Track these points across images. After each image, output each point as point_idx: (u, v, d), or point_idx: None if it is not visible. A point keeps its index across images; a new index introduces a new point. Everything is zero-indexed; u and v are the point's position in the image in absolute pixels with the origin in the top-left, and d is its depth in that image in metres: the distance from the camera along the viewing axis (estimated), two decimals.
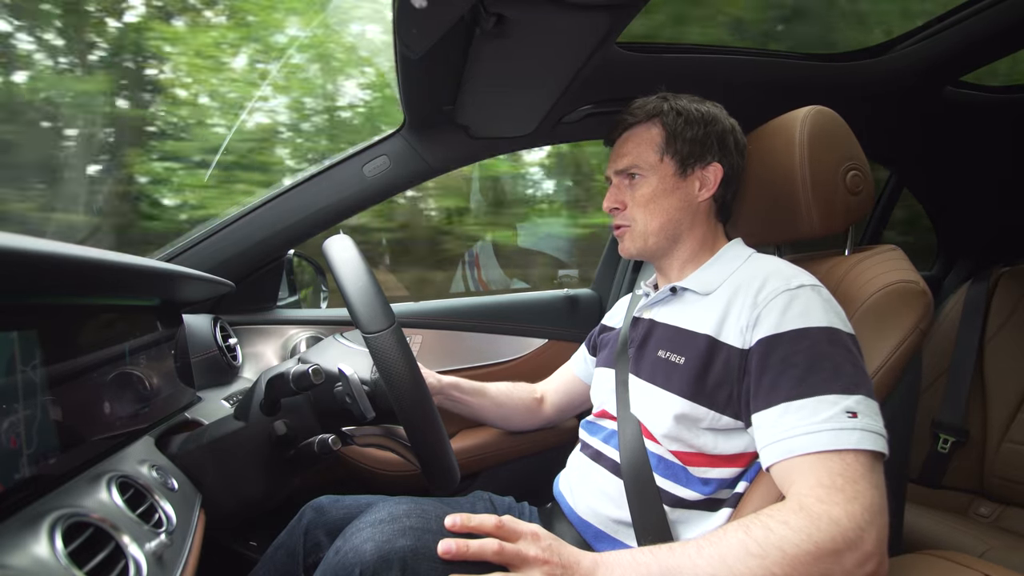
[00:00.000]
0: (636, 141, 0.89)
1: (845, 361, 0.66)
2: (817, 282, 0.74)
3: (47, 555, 0.43)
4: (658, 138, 0.87)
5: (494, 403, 1.12)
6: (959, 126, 1.51)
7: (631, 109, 0.90)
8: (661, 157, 0.87)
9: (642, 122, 0.89)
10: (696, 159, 0.86)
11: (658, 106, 0.88)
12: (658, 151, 0.87)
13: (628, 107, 0.91)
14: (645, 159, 0.87)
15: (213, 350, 1.11)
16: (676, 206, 0.87)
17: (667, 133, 0.87)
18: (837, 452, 0.60)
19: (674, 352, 0.80)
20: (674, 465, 0.76)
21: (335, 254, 0.76)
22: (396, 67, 0.99)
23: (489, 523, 0.65)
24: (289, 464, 0.83)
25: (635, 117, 0.89)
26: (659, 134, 0.87)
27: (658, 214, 0.87)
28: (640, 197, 0.88)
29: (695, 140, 0.86)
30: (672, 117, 0.87)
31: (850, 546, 0.56)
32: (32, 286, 0.55)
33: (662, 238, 0.88)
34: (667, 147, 0.86)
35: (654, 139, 0.87)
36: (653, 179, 0.87)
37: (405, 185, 1.32)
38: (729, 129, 0.89)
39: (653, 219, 0.87)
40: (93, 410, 0.63)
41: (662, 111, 0.87)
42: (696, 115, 0.87)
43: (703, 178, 0.87)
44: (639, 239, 0.89)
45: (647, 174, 0.87)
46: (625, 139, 0.90)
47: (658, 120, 0.87)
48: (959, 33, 1.19)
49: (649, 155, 0.87)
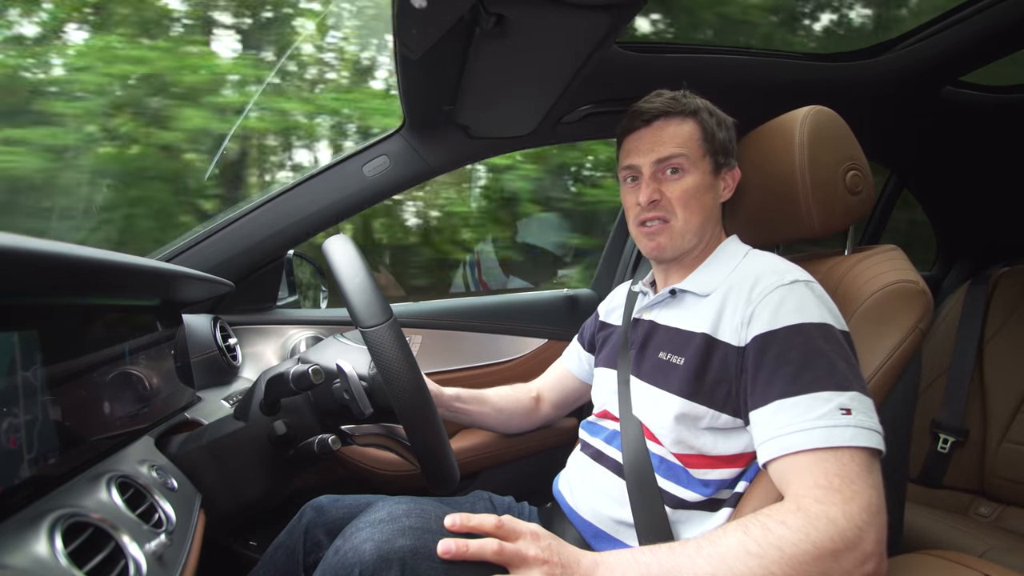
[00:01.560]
0: (675, 132, 0.84)
1: (839, 358, 0.66)
2: (811, 278, 0.74)
3: (47, 555, 0.43)
4: (698, 134, 0.85)
5: (495, 409, 1.12)
6: (959, 126, 1.51)
7: (665, 99, 0.85)
8: (704, 153, 0.85)
9: (678, 115, 0.85)
10: (725, 160, 0.87)
11: (694, 103, 0.85)
12: (701, 147, 0.84)
13: (657, 96, 0.86)
14: (692, 151, 0.83)
15: (213, 350, 1.11)
16: (710, 205, 0.86)
17: (705, 131, 0.85)
18: (832, 450, 0.60)
19: (674, 353, 0.80)
20: (675, 467, 0.76)
21: (334, 253, 0.76)
22: (396, 67, 0.99)
23: (489, 523, 0.65)
24: (289, 464, 0.83)
25: (673, 108, 0.84)
26: (697, 130, 0.85)
27: (698, 212, 0.84)
28: (683, 191, 0.83)
29: (725, 142, 0.86)
30: (707, 115, 0.85)
31: (848, 546, 0.56)
32: (32, 286, 0.55)
33: (695, 237, 0.85)
34: (706, 144, 0.85)
35: (694, 134, 0.84)
36: (697, 174, 0.84)
37: (405, 185, 1.32)
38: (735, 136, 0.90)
39: (693, 216, 0.84)
40: (93, 410, 0.64)
41: (698, 108, 0.85)
42: (723, 118, 0.87)
43: (726, 180, 0.88)
44: (678, 237, 0.84)
45: (691, 168, 0.83)
46: (659, 128, 0.84)
47: (694, 117, 0.85)
48: (959, 33, 1.19)
49: (695, 149, 0.84)
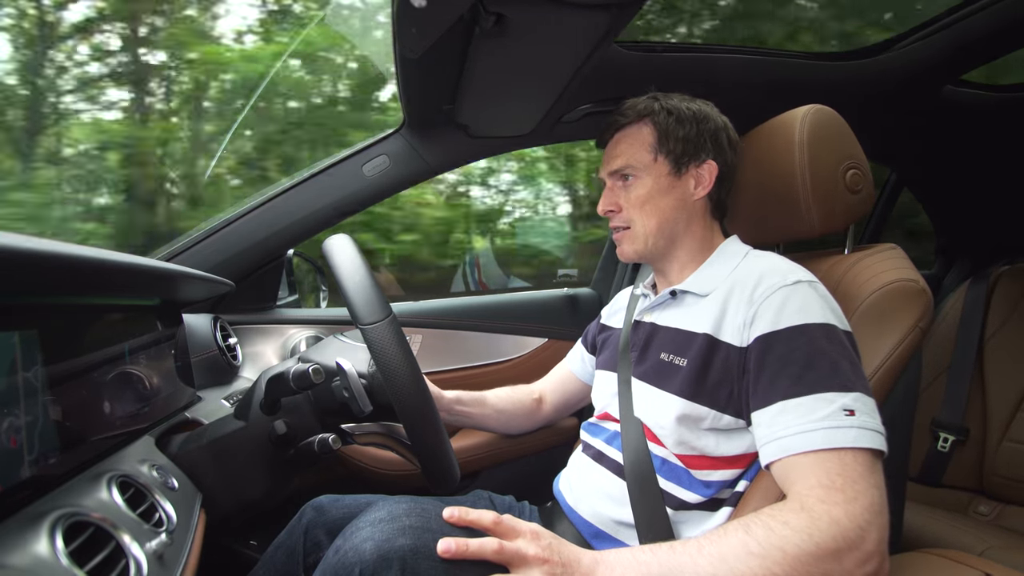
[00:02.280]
0: (628, 142, 0.88)
1: (842, 358, 0.66)
2: (813, 278, 0.74)
3: (47, 554, 0.43)
4: (650, 137, 0.87)
5: (495, 410, 1.12)
6: (959, 125, 1.51)
7: (621, 110, 0.90)
8: (655, 156, 0.86)
9: (633, 122, 0.88)
10: (690, 157, 0.86)
11: (648, 105, 0.87)
12: (651, 151, 0.86)
13: (618, 108, 0.91)
14: (638, 159, 0.87)
15: (213, 350, 1.11)
16: (672, 205, 0.87)
17: (659, 132, 0.86)
18: (835, 451, 0.60)
19: (676, 354, 0.80)
20: (677, 468, 0.76)
21: (334, 252, 0.76)
22: (396, 67, 0.99)
23: (487, 518, 0.65)
24: (289, 463, 0.83)
25: (626, 117, 0.88)
26: (651, 133, 0.87)
27: (654, 214, 0.87)
28: (635, 198, 0.87)
29: (688, 138, 0.86)
30: (663, 116, 0.86)
31: (851, 546, 0.56)
32: (32, 286, 0.55)
33: (660, 239, 0.88)
34: (660, 146, 0.86)
35: (646, 139, 0.87)
36: (647, 179, 0.86)
37: (405, 184, 1.32)
38: (722, 126, 0.88)
39: (650, 219, 0.87)
40: (93, 410, 0.64)
41: (653, 110, 0.87)
42: (687, 113, 0.87)
43: (698, 176, 0.87)
44: (639, 241, 0.89)
45: (641, 174, 0.87)
46: (617, 140, 0.90)
47: (649, 120, 0.87)
48: (959, 32, 1.19)
49: (642, 155, 0.87)
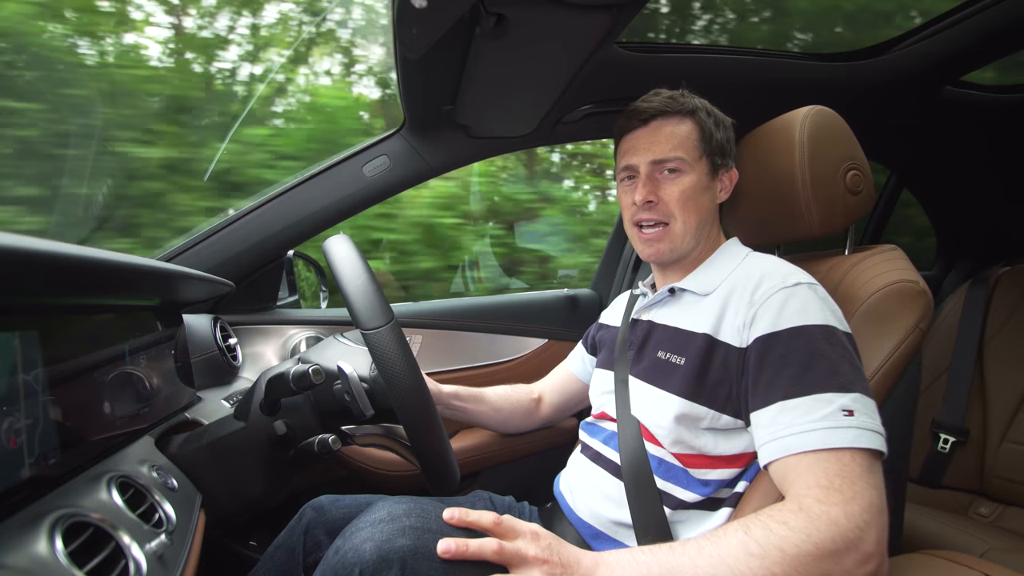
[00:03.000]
0: (672, 132, 0.83)
1: (842, 359, 0.66)
2: (813, 280, 0.74)
3: (47, 555, 0.43)
4: (696, 134, 0.84)
5: (493, 408, 1.12)
6: (959, 126, 1.51)
7: (663, 98, 0.85)
8: (701, 154, 0.84)
9: (676, 114, 0.84)
10: (722, 161, 0.86)
11: (691, 102, 0.85)
12: (698, 147, 0.84)
13: (655, 95, 0.86)
14: (690, 152, 0.83)
15: (213, 350, 1.11)
16: (707, 207, 0.85)
17: (703, 131, 0.84)
18: (834, 451, 0.60)
19: (674, 353, 0.80)
20: (675, 467, 0.76)
21: (334, 253, 0.76)
22: (396, 67, 0.99)
23: (487, 519, 0.65)
24: (289, 464, 0.83)
25: (671, 108, 0.84)
26: (695, 130, 0.84)
27: (695, 213, 0.84)
28: (680, 192, 0.83)
29: (723, 142, 0.86)
30: (705, 115, 0.85)
31: (850, 546, 0.56)
32: (32, 286, 0.55)
33: (691, 239, 0.85)
34: (704, 145, 0.84)
35: (692, 134, 0.84)
36: (693, 175, 0.83)
37: (405, 185, 1.32)
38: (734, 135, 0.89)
39: (691, 217, 0.83)
40: (93, 410, 0.63)
41: (696, 108, 0.85)
42: (722, 118, 0.87)
43: (722, 181, 0.87)
44: (677, 239, 0.84)
45: (688, 169, 0.83)
46: (657, 128, 0.84)
47: (692, 117, 0.84)
48: (959, 33, 1.19)
49: (692, 149, 0.84)
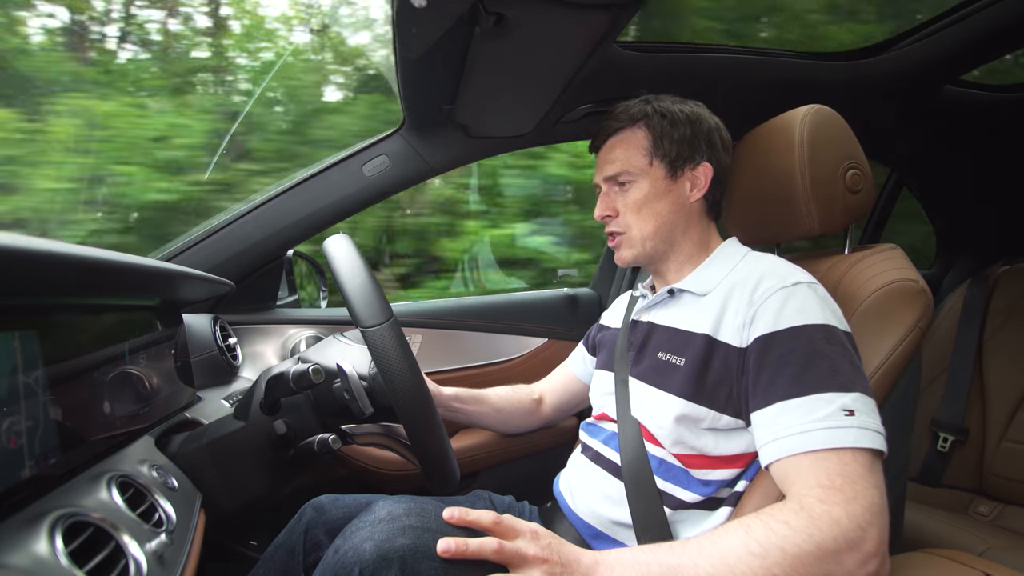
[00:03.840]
0: (623, 146, 0.87)
1: (842, 359, 0.66)
2: (813, 279, 0.74)
3: (47, 555, 0.43)
4: (645, 141, 0.86)
5: (494, 409, 1.12)
6: (959, 125, 1.51)
7: (614, 114, 0.89)
8: (650, 161, 0.86)
9: (627, 126, 0.88)
10: (685, 160, 0.86)
11: (642, 109, 0.87)
12: (647, 155, 0.86)
13: (611, 113, 0.90)
14: (634, 164, 0.86)
15: (213, 350, 1.11)
16: (669, 209, 0.86)
17: (654, 136, 0.86)
18: (836, 451, 0.60)
19: (674, 354, 0.80)
20: (675, 468, 0.76)
21: (334, 253, 0.76)
22: (396, 67, 0.99)
23: (487, 518, 0.65)
24: (289, 464, 0.83)
25: (620, 122, 0.88)
26: (645, 137, 0.86)
27: (651, 218, 0.86)
28: (632, 203, 0.87)
29: (683, 141, 0.85)
30: (657, 119, 0.86)
31: (851, 546, 0.56)
32: (32, 286, 0.55)
33: (658, 242, 0.88)
34: (655, 150, 0.86)
35: (641, 143, 0.86)
36: (644, 183, 0.86)
37: (405, 185, 1.32)
38: (714, 127, 0.88)
39: (647, 224, 0.86)
40: (93, 410, 0.64)
41: (646, 114, 0.86)
42: (681, 115, 0.86)
43: (693, 178, 0.87)
44: (636, 245, 0.88)
45: (637, 179, 0.86)
46: (612, 145, 0.89)
47: (643, 123, 0.87)
48: (959, 33, 1.19)
49: (638, 159, 0.86)
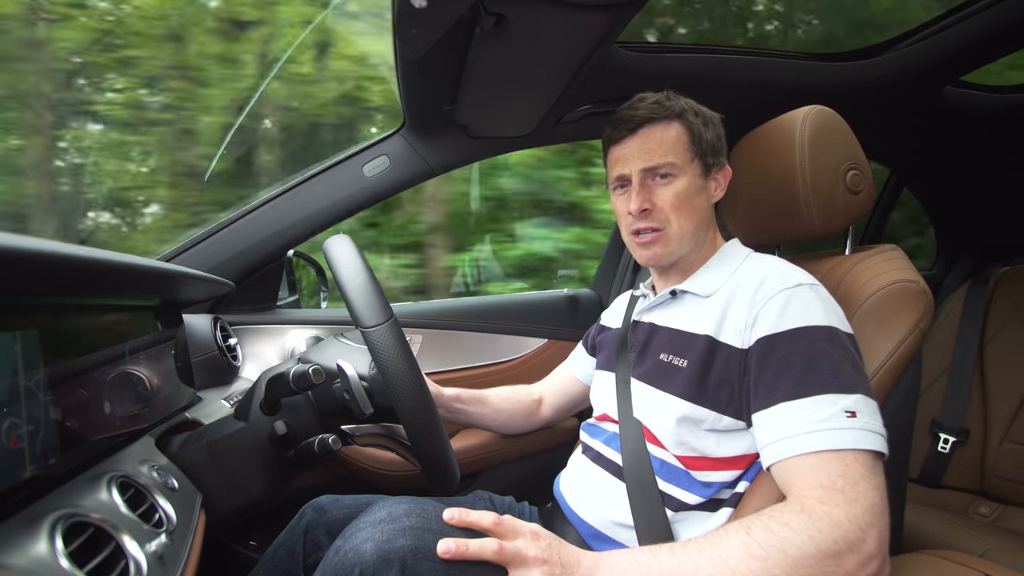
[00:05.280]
0: (662, 138, 0.83)
1: (844, 360, 0.66)
2: (815, 281, 0.74)
3: (47, 555, 0.43)
4: (685, 136, 0.84)
5: (494, 410, 1.12)
6: (959, 126, 1.51)
7: (648, 104, 0.84)
8: (692, 156, 0.84)
9: (663, 120, 0.83)
10: (714, 160, 0.86)
11: (678, 104, 0.84)
12: (689, 150, 0.84)
13: (640, 101, 0.85)
14: (680, 157, 0.83)
15: (213, 350, 1.11)
16: (703, 208, 0.85)
17: (691, 133, 0.84)
18: (836, 452, 0.60)
19: (676, 355, 0.80)
20: (677, 469, 0.76)
21: (334, 253, 0.76)
22: (396, 67, 0.99)
23: (487, 519, 0.65)
24: (289, 464, 0.83)
25: (656, 113, 0.83)
26: (684, 133, 0.84)
27: (691, 216, 0.84)
28: (673, 197, 0.82)
29: (713, 140, 0.85)
30: (692, 116, 0.84)
31: (851, 548, 0.56)
32: (32, 286, 0.55)
33: (692, 241, 0.85)
34: (693, 147, 0.84)
35: (681, 137, 0.84)
36: (686, 179, 0.83)
37: (405, 185, 1.32)
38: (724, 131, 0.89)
39: (687, 221, 0.83)
40: (93, 410, 0.63)
41: (683, 109, 0.84)
42: (710, 116, 0.86)
43: (717, 180, 0.87)
44: (673, 243, 0.84)
45: (680, 173, 0.83)
46: (646, 135, 0.84)
47: (679, 120, 0.84)
48: (959, 33, 1.19)
49: (682, 152, 0.83)
